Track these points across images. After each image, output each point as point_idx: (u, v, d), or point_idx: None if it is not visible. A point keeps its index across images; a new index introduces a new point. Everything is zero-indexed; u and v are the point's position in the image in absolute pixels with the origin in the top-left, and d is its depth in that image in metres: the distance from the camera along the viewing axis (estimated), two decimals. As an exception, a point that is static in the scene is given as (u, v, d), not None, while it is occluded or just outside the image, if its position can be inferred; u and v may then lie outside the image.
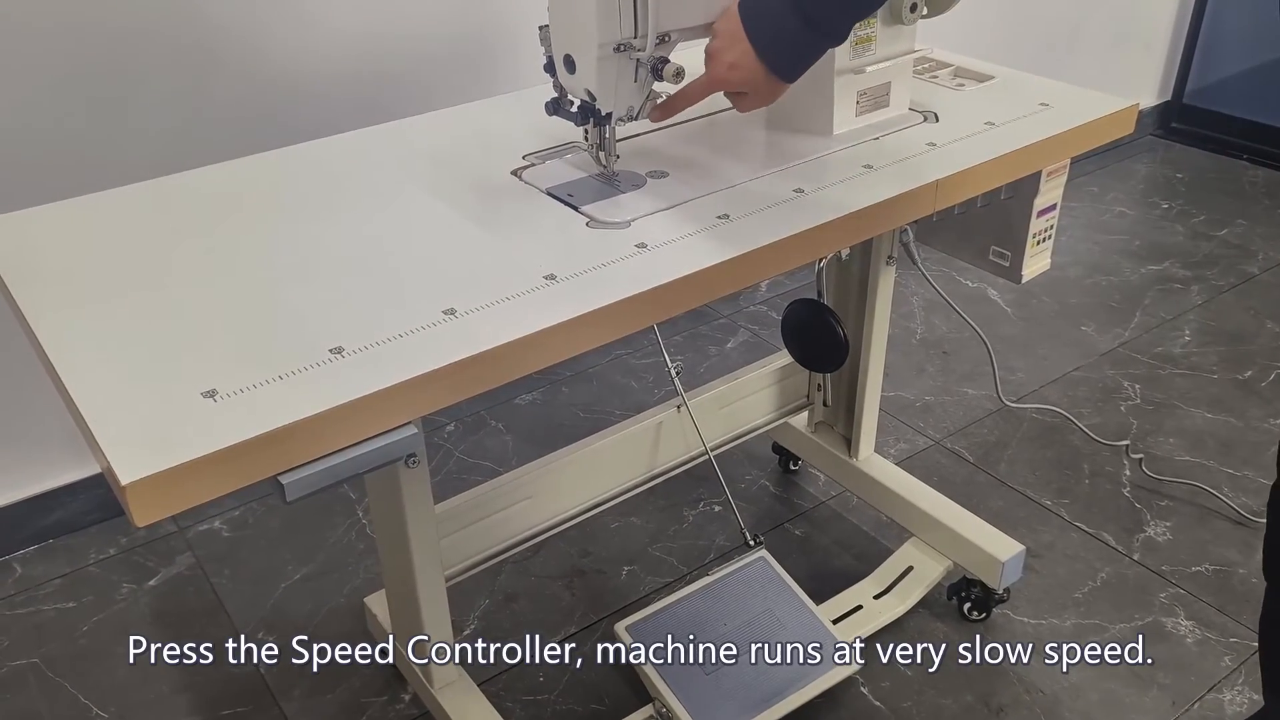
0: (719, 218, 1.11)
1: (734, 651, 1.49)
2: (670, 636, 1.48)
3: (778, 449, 2.00)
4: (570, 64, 1.12)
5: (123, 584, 1.77)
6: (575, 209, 1.14)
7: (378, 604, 1.55)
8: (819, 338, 1.51)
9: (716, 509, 1.92)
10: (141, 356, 0.89)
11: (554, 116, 1.19)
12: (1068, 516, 1.89)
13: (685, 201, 1.14)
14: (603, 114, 1.13)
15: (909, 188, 1.16)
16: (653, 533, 1.88)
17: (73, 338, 0.92)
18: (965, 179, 1.21)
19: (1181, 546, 1.82)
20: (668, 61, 1.10)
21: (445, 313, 0.95)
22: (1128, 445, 2.03)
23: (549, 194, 1.17)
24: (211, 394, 0.84)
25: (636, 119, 1.16)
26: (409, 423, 0.89)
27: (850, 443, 1.80)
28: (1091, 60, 3.12)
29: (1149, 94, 3.40)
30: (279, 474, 0.83)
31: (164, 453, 0.77)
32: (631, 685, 1.56)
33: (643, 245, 1.06)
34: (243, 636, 1.67)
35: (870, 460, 1.80)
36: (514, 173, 1.23)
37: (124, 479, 0.75)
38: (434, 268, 1.02)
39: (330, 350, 0.90)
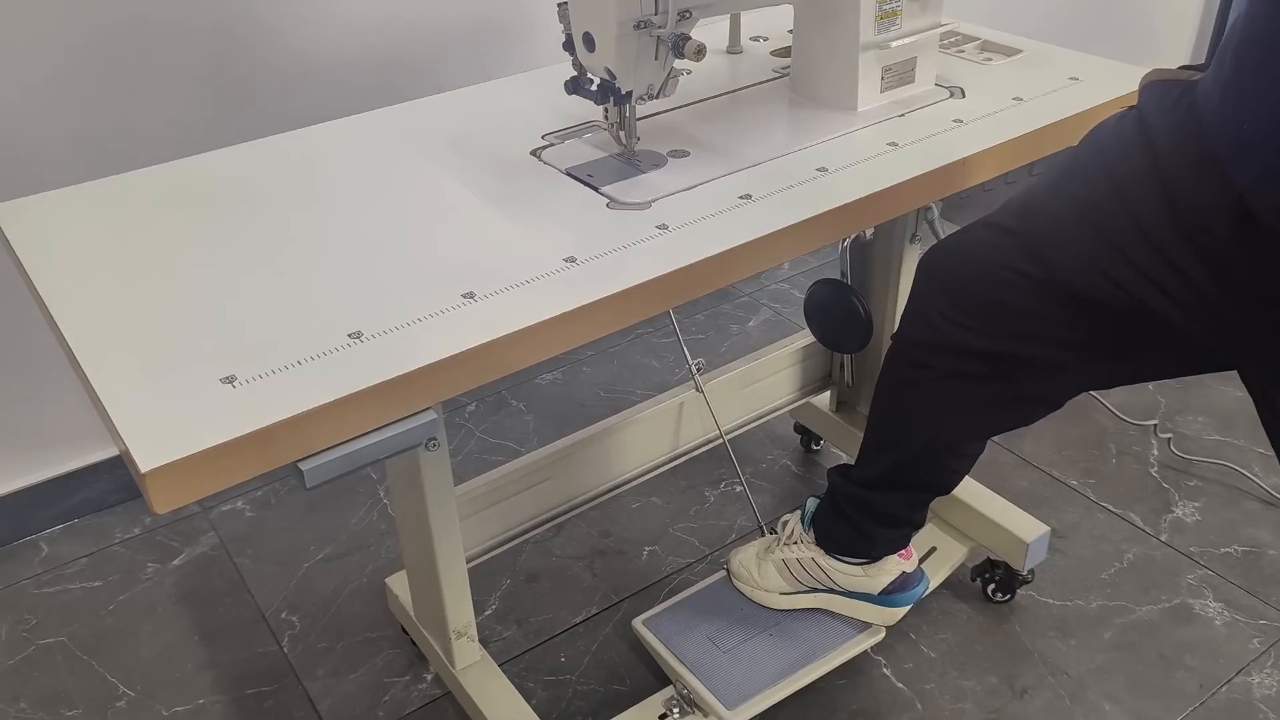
0: (741, 198, 1.09)
1: (752, 633, 1.48)
2: (688, 629, 1.48)
3: (800, 428, 1.98)
4: (589, 42, 1.10)
5: (148, 563, 1.78)
6: (595, 190, 1.12)
7: (399, 584, 1.55)
8: (842, 318, 1.49)
9: (737, 489, 1.91)
10: (160, 342, 0.89)
11: (573, 96, 1.17)
12: (1094, 497, 1.87)
13: (707, 181, 1.13)
14: (623, 93, 1.11)
15: (935, 166, 1.14)
16: (673, 513, 1.87)
17: (92, 323, 0.91)
18: (993, 156, 1.19)
19: (1210, 527, 1.80)
20: (689, 38, 1.09)
21: (465, 297, 0.94)
22: (1156, 425, 2.00)
23: (569, 174, 1.16)
24: (230, 380, 0.84)
25: (657, 97, 1.14)
26: (429, 408, 0.88)
27: (846, 381, 1.79)
28: (1121, 30, 3.07)
29: (1180, 64, 3.34)
30: (299, 460, 0.82)
31: (183, 440, 0.77)
32: (651, 666, 1.55)
33: (664, 226, 1.04)
34: (266, 616, 1.67)
35: (893, 440, 1.78)
36: (533, 153, 1.21)
37: (144, 466, 0.75)
38: (453, 251, 1.01)
39: (349, 335, 0.89)
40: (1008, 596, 1.66)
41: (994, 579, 1.65)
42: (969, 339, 1.13)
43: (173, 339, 0.89)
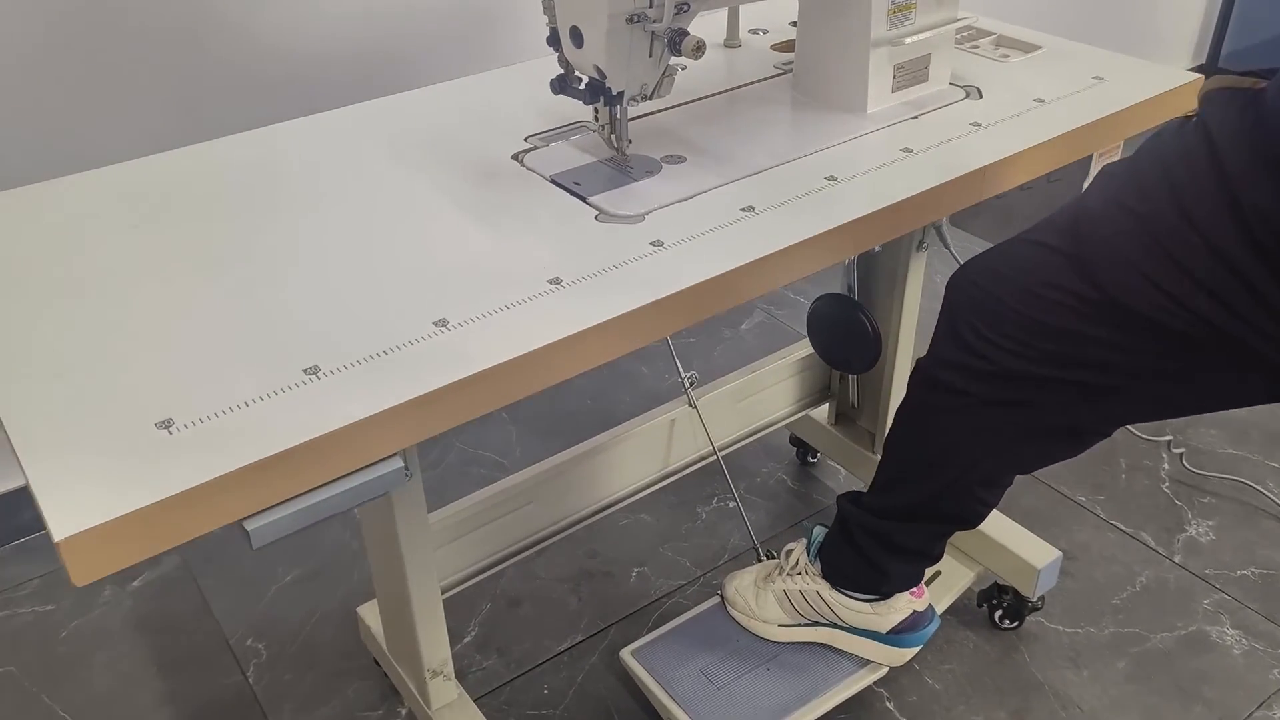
0: (743, 210, 0.99)
1: (747, 666, 1.39)
2: (680, 661, 1.39)
3: (796, 441, 1.89)
4: (577, 37, 1.00)
5: (104, 586, 1.68)
6: (583, 200, 1.02)
7: (371, 615, 1.45)
8: (849, 336, 1.40)
9: (730, 505, 1.82)
10: (90, 377, 0.78)
11: (560, 95, 1.07)
12: (1104, 514, 1.78)
13: (705, 191, 1.03)
14: (613, 93, 1.01)
15: (954, 175, 1.04)
16: (664, 531, 1.78)
17: (10, 353, 0.81)
18: (1016, 164, 1.09)
19: (1225, 547, 1.72)
20: (687, 34, 0.98)
21: (436, 324, 0.84)
22: (1169, 440, 1.91)
23: (553, 182, 1.05)
24: (167, 424, 0.73)
25: (651, 98, 1.04)
26: (395, 454, 0.78)
27: (875, 438, 1.69)
28: (1125, 23, 2.97)
29: (1184, 58, 3.25)
30: (243, 519, 0.72)
31: (108, 499, 0.67)
32: (641, 700, 1.46)
33: (659, 243, 0.94)
34: (230, 644, 1.57)
35: (896, 456, 1.69)
36: (515, 157, 1.11)
37: (58, 534, 0.65)
38: (424, 269, 0.91)
39: (305, 370, 0.79)
40: (1016, 624, 1.57)
41: (1002, 605, 1.57)
42: (1010, 363, 1.04)
43: (105, 373, 0.79)
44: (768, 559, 1.55)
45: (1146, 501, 1.81)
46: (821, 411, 1.76)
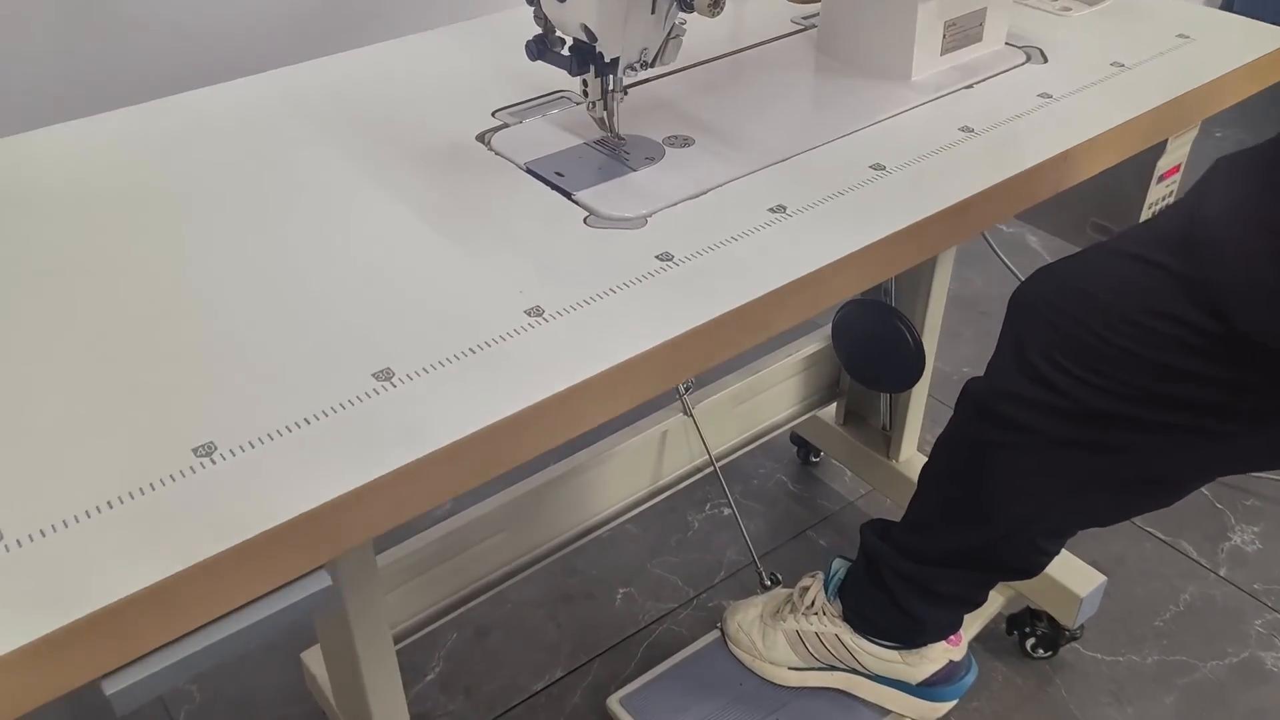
0: (773, 211, 0.78)
1: (754, 716, 1.22)
2: (676, 710, 1.21)
3: (797, 439, 1.70)
4: (559, -13, 0.78)
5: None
6: (567, 196, 0.80)
7: (316, 661, 1.25)
8: (885, 350, 1.19)
9: (726, 512, 1.63)
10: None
11: (538, 61, 0.85)
12: (1140, 521, 1.61)
13: (721, 185, 0.81)
14: (605, 60, 0.79)
15: (1032, 162, 0.83)
16: (652, 544, 1.58)
17: None
18: (1103, 147, 0.88)
19: (1274, 558, 1.55)
20: (700, -16, 0.76)
21: (378, 378, 0.62)
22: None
23: (529, 171, 0.84)
24: (-12, 545, 0.52)
25: (652, 65, 0.82)
26: (320, 568, 0.57)
27: (889, 440, 1.50)
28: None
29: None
30: (102, 677, 0.51)
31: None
32: (632, 753, 1.28)
33: (667, 257, 0.73)
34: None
35: (912, 462, 1.50)
36: (480, 137, 0.89)
37: None
38: (358, 299, 0.69)
39: (196, 451, 0.57)
40: (1050, 653, 1.40)
41: (1035, 633, 1.39)
42: (1097, 401, 0.85)
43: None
44: (771, 583, 1.37)
45: (1185, 505, 1.62)
46: (829, 410, 1.57)
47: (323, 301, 0.69)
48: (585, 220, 0.78)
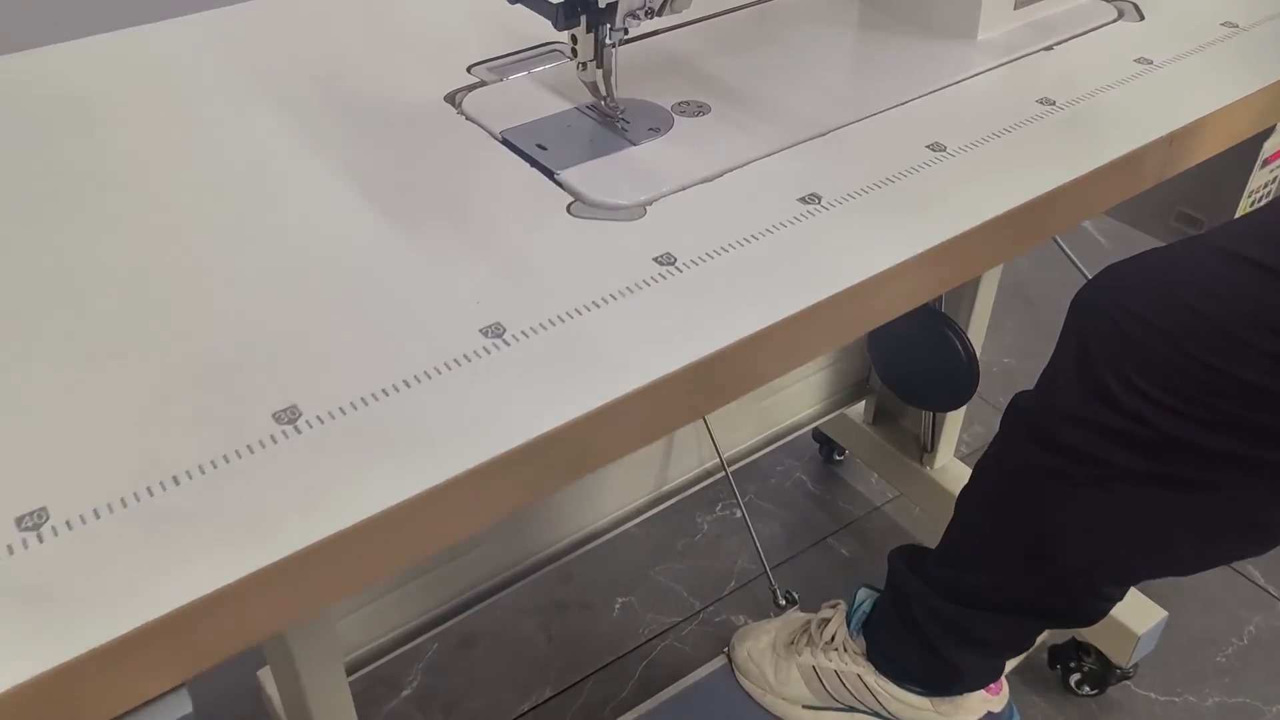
0: (804, 202, 0.62)
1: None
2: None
3: (819, 435, 1.54)
4: (542, -90, 0.61)
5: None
6: (549, 176, 0.64)
7: (271, 682, 1.12)
8: (931, 363, 1.03)
9: (737, 514, 1.48)
10: None
11: (517, 4, 0.68)
12: (1198, 539, 1.45)
13: (741, 165, 0.65)
14: (600, 5, 0.63)
15: (1131, 146, 0.67)
16: (655, 548, 1.44)
17: None
18: (1211, 129, 0.71)
19: (1348, 586, 1.40)
20: (721, -91, 0.60)
21: (280, 418, 0.47)
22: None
23: (505, 142, 0.68)
24: None
25: (661, 13, 0.66)
26: (181, 685, 0.42)
27: (922, 442, 1.34)
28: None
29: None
30: None
31: None
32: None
33: (667, 260, 0.57)
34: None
35: (949, 469, 1.35)
36: (449, 98, 0.73)
37: None
38: (267, 312, 0.54)
39: (20, 521, 0.42)
40: (1097, 691, 1.25)
41: (1081, 669, 1.24)
42: (1183, 431, 0.70)
43: None
44: (786, 603, 1.22)
45: (1249, 523, 1.48)
46: (857, 408, 1.41)
47: (215, 310, 0.53)
48: (569, 208, 0.62)
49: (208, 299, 0.54)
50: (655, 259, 0.57)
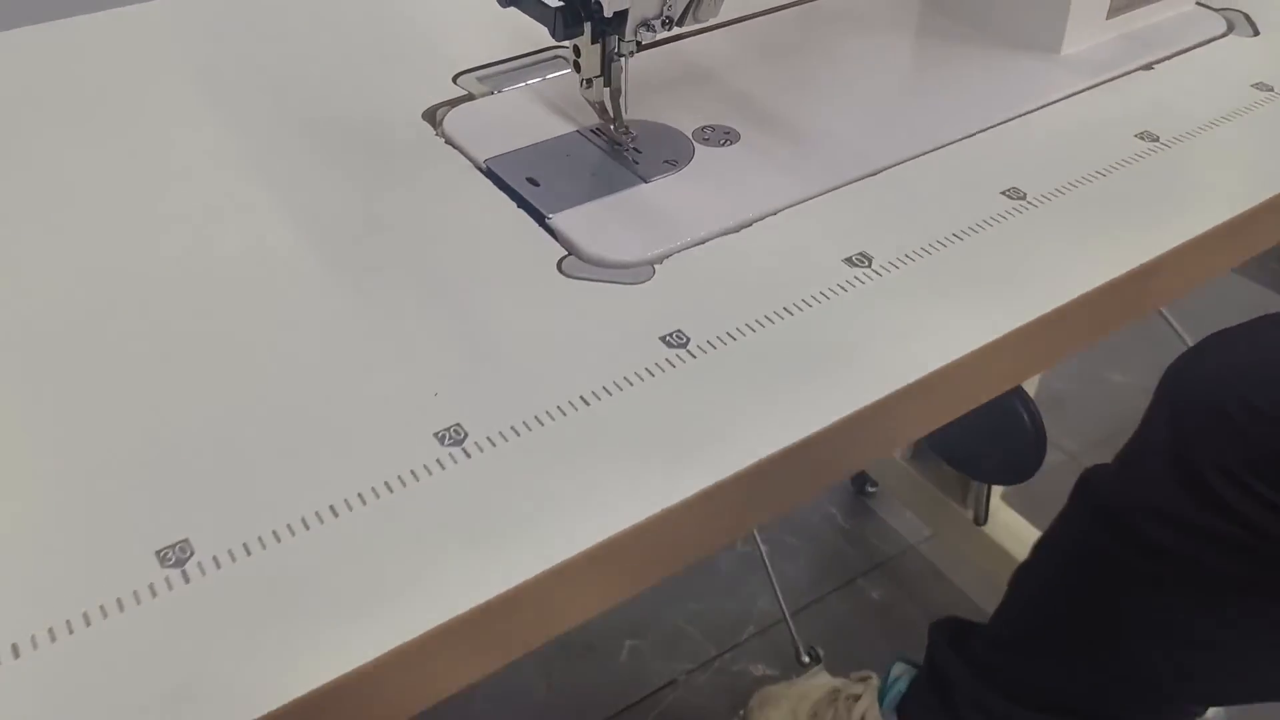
0: (851, 264, 0.50)
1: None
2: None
3: (852, 464, 1.42)
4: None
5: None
6: (539, 221, 0.53)
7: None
8: (988, 428, 0.90)
9: (763, 549, 1.36)
10: None
11: (510, 8, 0.56)
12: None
13: (773, 213, 0.53)
14: (606, 14, 0.51)
15: (1254, 200, 0.54)
16: (668, 586, 1.32)
17: None
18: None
19: None
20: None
21: (167, 558, 0.36)
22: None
23: (488, 173, 0.56)
24: None
25: (681, 23, 0.54)
26: None
27: (975, 513, 1.22)
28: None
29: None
30: None
31: None
32: None
33: (678, 340, 0.46)
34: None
35: (997, 517, 1.22)
36: (428, 114, 0.61)
37: None
38: (171, 404, 0.42)
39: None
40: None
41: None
42: None
43: None
44: (810, 659, 1.11)
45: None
46: (893, 441, 1.29)
47: (89, 411, 0.42)
48: (560, 264, 0.50)
49: (72, 379, 0.43)
50: (663, 338, 0.46)
